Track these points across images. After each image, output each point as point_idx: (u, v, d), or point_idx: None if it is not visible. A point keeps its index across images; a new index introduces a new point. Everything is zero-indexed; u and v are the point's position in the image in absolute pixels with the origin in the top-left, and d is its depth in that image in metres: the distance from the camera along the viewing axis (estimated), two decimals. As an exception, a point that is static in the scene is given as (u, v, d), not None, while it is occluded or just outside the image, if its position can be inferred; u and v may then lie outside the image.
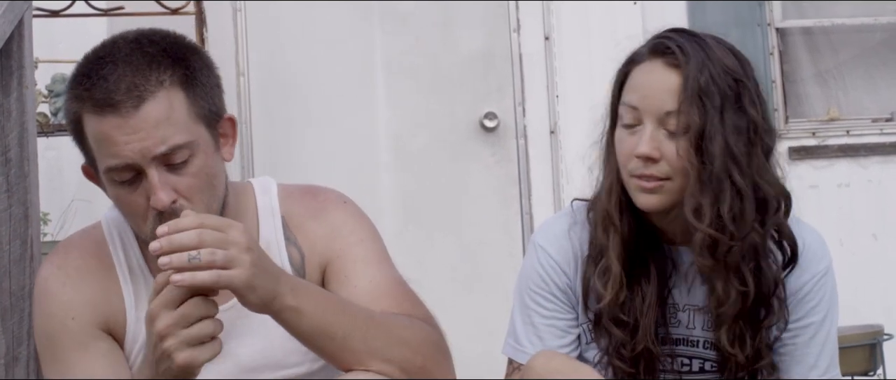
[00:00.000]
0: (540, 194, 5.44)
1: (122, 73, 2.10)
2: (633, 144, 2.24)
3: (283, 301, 2.03)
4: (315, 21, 5.46)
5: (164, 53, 2.15)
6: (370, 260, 2.27)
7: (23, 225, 2.45)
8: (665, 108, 2.22)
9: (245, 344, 2.25)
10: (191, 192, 2.12)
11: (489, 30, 5.51)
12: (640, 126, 2.24)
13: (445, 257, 5.40)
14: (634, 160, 2.23)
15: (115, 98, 2.09)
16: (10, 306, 2.40)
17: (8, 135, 2.45)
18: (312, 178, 2.63)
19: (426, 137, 5.47)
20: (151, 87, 2.10)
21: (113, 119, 2.09)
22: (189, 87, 2.15)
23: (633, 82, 2.28)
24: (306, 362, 2.26)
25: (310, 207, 2.32)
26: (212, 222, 1.99)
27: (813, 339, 2.31)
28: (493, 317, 5.27)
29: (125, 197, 2.13)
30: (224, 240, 1.97)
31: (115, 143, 2.09)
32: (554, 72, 5.46)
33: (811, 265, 2.31)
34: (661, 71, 2.24)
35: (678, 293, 2.31)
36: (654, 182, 2.22)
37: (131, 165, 2.10)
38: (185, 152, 2.12)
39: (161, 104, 2.10)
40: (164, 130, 2.10)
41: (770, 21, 5.63)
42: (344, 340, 2.09)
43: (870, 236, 5.52)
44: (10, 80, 2.47)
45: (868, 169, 5.60)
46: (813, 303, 2.31)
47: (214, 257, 1.95)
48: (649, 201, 2.24)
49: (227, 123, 2.23)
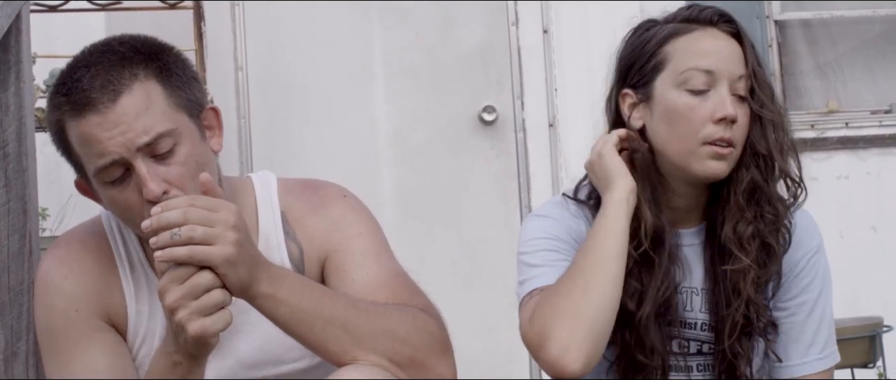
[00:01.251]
0: (539, 188, 5.43)
1: (94, 73, 2.13)
2: (710, 109, 2.25)
3: (259, 287, 2.04)
4: (313, 17, 5.45)
5: (135, 51, 2.17)
6: (368, 253, 2.27)
7: (21, 220, 2.45)
8: (738, 71, 2.27)
9: (245, 340, 2.25)
10: (181, 180, 2.12)
11: (488, 24, 5.51)
12: (711, 91, 2.26)
13: (445, 252, 5.40)
14: (710, 126, 2.25)
15: (91, 96, 2.11)
16: (8, 301, 2.40)
17: (6, 130, 2.45)
18: (312, 173, 2.63)
19: (425, 131, 5.47)
20: (126, 80, 2.12)
21: (93, 117, 2.11)
22: (164, 79, 2.16)
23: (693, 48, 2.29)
24: (306, 358, 2.26)
25: (309, 202, 2.32)
26: (202, 202, 2.01)
27: (809, 316, 2.34)
28: (493, 312, 5.27)
29: (118, 197, 2.14)
30: (209, 218, 1.99)
31: (98, 141, 2.11)
32: (552, 65, 5.46)
33: (803, 243, 2.35)
34: (724, 37, 2.31)
35: (679, 275, 2.32)
36: (728, 148, 2.25)
37: (118, 162, 2.11)
38: (170, 141, 2.13)
39: (137, 96, 2.12)
40: (144, 121, 2.11)
41: (769, 13, 5.63)
42: (324, 328, 2.08)
43: (869, 228, 5.52)
44: (8, 74, 2.46)
45: (867, 161, 5.59)
46: (807, 280, 2.34)
47: (194, 233, 1.97)
48: (720, 167, 2.26)
49: (211, 113, 2.24)
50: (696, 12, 2.32)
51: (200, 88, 2.24)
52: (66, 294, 2.24)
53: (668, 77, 2.29)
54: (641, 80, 2.32)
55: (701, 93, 2.26)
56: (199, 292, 1.98)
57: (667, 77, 2.29)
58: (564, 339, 2.15)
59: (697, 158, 2.25)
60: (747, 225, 2.28)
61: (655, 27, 2.34)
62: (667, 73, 2.29)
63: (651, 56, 2.31)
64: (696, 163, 2.25)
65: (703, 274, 2.33)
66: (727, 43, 2.30)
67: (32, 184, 2.49)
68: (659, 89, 2.30)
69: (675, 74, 2.28)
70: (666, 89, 2.29)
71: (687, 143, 2.26)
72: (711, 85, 2.26)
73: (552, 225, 2.33)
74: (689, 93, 2.26)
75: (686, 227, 2.34)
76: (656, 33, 2.33)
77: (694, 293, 2.34)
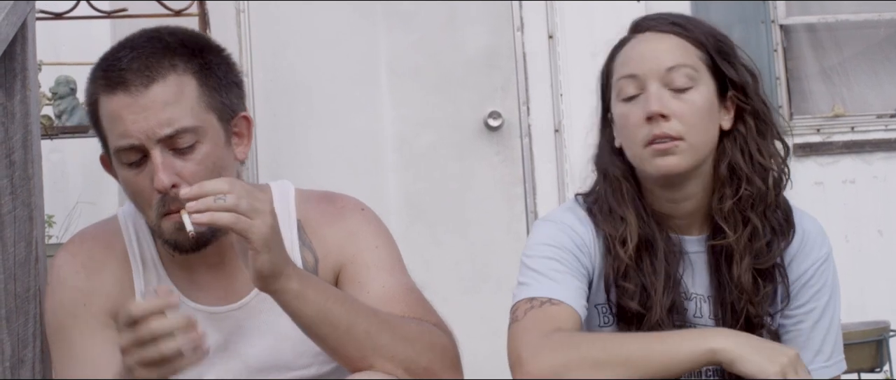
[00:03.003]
0: (545, 193, 5.43)
1: (136, 55, 2.17)
2: (640, 112, 2.25)
3: (289, 283, 2.05)
4: (318, 21, 5.45)
5: (181, 43, 2.20)
6: (383, 266, 2.28)
7: (27, 227, 2.45)
8: (666, 64, 2.26)
9: (253, 344, 2.26)
10: (194, 178, 2.13)
11: (493, 29, 5.51)
12: (642, 94, 2.26)
13: (451, 257, 5.40)
14: (644, 127, 2.25)
15: (126, 76, 2.14)
16: (15, 309, 2.40)
17: (12, 137, 2.45)
18: (317, 177, 2.64)
19: (430, 136, 5.47)
20: (163, 69, 2.15)
21: (123, 97, 2.14)
22: (202, 77, 2.18)
23: (623, 58, 2.31)
24: (315, 365, 2.27)
25: (326, 213, 2.33)
26: (241, 185, 2.03)
27: (817, 324, 2.34)
28: (498, 316, 5.25)
29: (132, 179, 2.17)
30: (253, 194, 2.02)
31: (123, 121, 2.14)
32: (558, 70, 5.46)
33: (812, 252, 2.35)
34: (653, 38, 2.31)
35: (686, 281, 2.33)
36: (669, 142, 2.24)
37: (138, 147, 2.14)
38: (191, 137, 2.15)
39: (170, 87, 2.15)
40: (170, 112, 2.14)
41: (774, 18, 5.62)
42: (347, 331, 2.10)
43: (875, 232, 5.51)
44: (14, 82, 2.46)
45: (873, 165, 5.59)
46: (816, 288, 2.34)
47: (240, 202, 1.99)
48: (669, 163, 2.25)
49: (243, 120, 2.26)
50: (640, 21, 2.35)
51: (239, 95, 2.26)
52: (76, 289, 2.26)
53: (613, 94, 2.32)
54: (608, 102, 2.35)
55: (632, 98, 2.27)
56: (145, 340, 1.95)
57: (613, 95, 2.32)
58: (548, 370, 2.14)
59: (646, 161, 2.26)
60: (726, 200, 2.28)
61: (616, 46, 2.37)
62: (613, 90, 2.32)
63: (607, 77, 2.35)
64: (647, 166, 2.27)
65: (709, 281, 2.34)
66: (661, 41, 2.30)
67: (38, 191, 2.49)
68: (612, 108, 2.33)
69: (615, 89, 2.31)
70: (613, 105, 2.32)
71: (634, 149, 2.28)
72: (641, 88, 2.27)
73: (559, 232, 2.33)
74: (624, 102, 2.28)
75: (690, 234, 2.34)
76: (612, 53, 2.36)
77: (703, 300, 2.34)
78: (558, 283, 2.26)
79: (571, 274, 2.28)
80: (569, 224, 2.34)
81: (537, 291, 2.25)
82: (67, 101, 4.50)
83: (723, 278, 2.31)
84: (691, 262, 2.33)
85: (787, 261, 2.33)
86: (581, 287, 2.28)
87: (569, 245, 2.31)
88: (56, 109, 4.51)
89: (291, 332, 2.19)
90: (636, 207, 2.30)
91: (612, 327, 2.33)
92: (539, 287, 2.26)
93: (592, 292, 2.32)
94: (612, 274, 2.30)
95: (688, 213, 2.32)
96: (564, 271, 2.27)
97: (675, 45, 2.29)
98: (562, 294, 2.24)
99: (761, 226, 2.29)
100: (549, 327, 2.18)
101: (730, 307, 2.30)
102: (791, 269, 2.33)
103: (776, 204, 2.32)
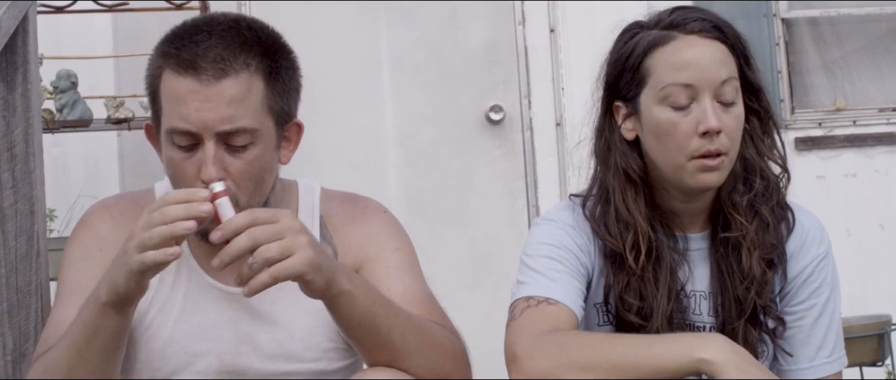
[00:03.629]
0: (546, 187, 5.43)
1: (213, 43, 2.15)
2: (691, 124, 2.22)
3: (341, 284, 2.05)
4: (319, 18, 5.45)
5: (258, 41, 2.20)
6: (404, 268, 2.30)
7: (28, 221, 2.45)
8: (720, 77, 2.23)
9: (265, 331, 2.27)
10: (241, 177, 2.14)
11: (494, 23, 5.50)
12: (693, 104, 2.23)
13: (452, 251, 5.40)
14: (694, 140, 2.22)
15: (200, 63, 2.13)
16: (16, 302, 2.40)
17: (13, 131, 2.45)
18: (318, 173, 2.64)
19: (432, 131, 5.47)
20: (237, 65, 2.15)
21: (192, 83, 2.13)
22: (271, 80, 2.19)
23: (673, 61, 2.25)
24: (324, 360, 2.29)
25: (349, 212, 2.36)
26: (262, 216, 2.01)
27: (818, 320, 2.34)
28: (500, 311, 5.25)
29: (178, 161, 2.17)
30: (277, 230, 1.99)
31: (186, 105, 2.13)
32: (559, 64, 5.46)
33: (812, 248, 2.35)
34: (705, 43, 2.25)
35: (686, 279, 2.33)
36: (718, 158, 2.23)
37: (193, 134, 2.13)
38: (247, 138, 2.15)
39: (241, 84, 2.14)
40: (235, 110, 2.13)
41: (776, 11, 5.62)
42: (388, 335, 2.12)
43: (877, 226, 5.51)
44: (15, 76, 2.46)
45: (875, 159, 5.59)
46: (816, 284, 2.34)
47: (269, 254, 1.96)
48: (713, 179, 2.24)
49: (295, 127, 2.28)
50: (678, 17, 2.28)
51: (297, 100, 2.28)
52: (98, 235, 2.28)
53: (650, 93, 2.26)
54: (628, 93, 2.30)
55: (683, 108, 2.23)
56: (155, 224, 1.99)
57: (649, 93, 2.26)
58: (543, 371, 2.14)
59: (688, 173, 2.24)
60: (740, 195, 2.28)
61: (639, 34, 2.30)
62: (649, 89, 2.26)
63: (634, 70, 2.28)
64: (687, 177, 2.25)
65: (710, 278, 2.33)
66: (708, 48, 2.25)
67: (40, 185, 2.49)
68: (644, 104, 2.27)
69: (656, 90, 2.25)
70: (650, 105, 2.26)
71: (676, 158, 2.24)
72: (693, 98, 2.23)
73: (559, 231, 2.33)
74: (672, 109, 2.24)
75: (693, 231, 2.34)
76: (639, 43, 2.29)
77: (702, 297, 2.34)
78: (556, 282, 2.25)
79: (570, 274, 2.28)
80: (568, 223, 2.34)
81: (535, 290, 2.25)
82: (69, 94, 4.50)
83: (728, 272, 2.31)
84: (691, 259, 2.33)
85: (787, 256, 2.33)
86: (579, 287, 2.28)
87: (568, 244, 2.30)
88: (57, 103, 4.51)
89: (301, 324, 2.22)
90: (645, 210, 2.29)
91: (610, 326, 2.32)
92: (537, 286, 2.26)
93: (591, 292, 2.32)
94: (615, 287, 2.29)
95: (697, 210, 2.32)
96: (563, 271, 2.27)
97: (725, 56, 2.26)
98: (559, 294, 2.24)
99: (770, 219, 2.29)
100: (545, 326, 2.18)
101: (735, 300, 2.30)
102: (791, 265, 2.33)
103: (783, 197, 2.33)
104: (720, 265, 2.32)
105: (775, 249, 2.30)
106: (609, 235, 2.29)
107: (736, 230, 2.28)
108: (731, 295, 2.30)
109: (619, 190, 2.30)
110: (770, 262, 2.31)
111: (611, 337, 2.24)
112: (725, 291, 2.31)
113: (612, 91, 2.33)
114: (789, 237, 2.33)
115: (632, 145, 2.31)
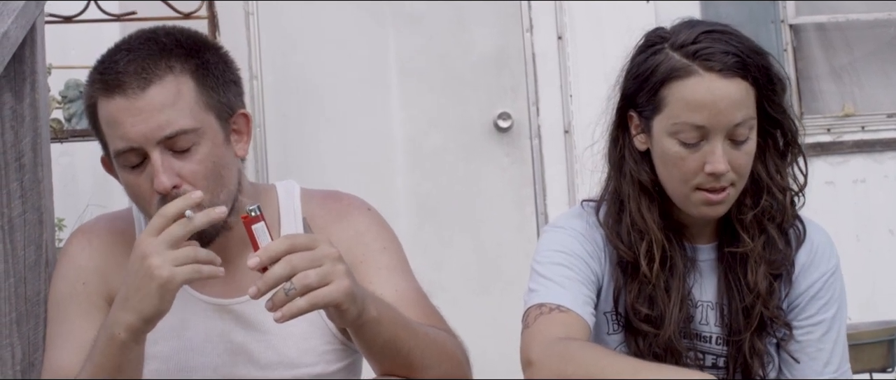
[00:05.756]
0: (555, 194, 5.43)
1: (132, 58, 2.16)
2: (698, 161, 2.20)
3: (370, 313, 2.05)
4: (327, 23, 5.46)
5: (178, 44, 2.20)
6: (394, 268, 2.29)
7: (37, 230, 2.45)
8: (734, 120, 2.20)
9: (259, 340, 2.26)
10: (195, 178, 2.14)
11: (502, 30, 5.51)
12: (703, 142, 2.21)
13: (461, 258, 5.40)
14: (699, 175, 2.21)
15: (123, 79, 2.14)
16: (25, 312, 2.40)
17: (21, 140, 2.45)
18: (327, 179, 2.64)
19: (440, 137, 5.47)
20: (160, 71, 2.15)
21: (121, 101, 2.14)
22: (200, 77, 2.18)
23: (689, 98, 2.20)
24: (321, 363, 2.28)
25: (332, 211, 2.34)
26: (301, 242, 1.99)
27: (826, 335, 2.34)
28: (508, 318, 5.25)
29: (133, 181, 2.17)
30: (315, 257, 1.97)
31: (121, 125, 2.14)
32: (567, 71, 5.46)
33: (821, 264, 2.34)
34: (722, 83, 2.19)
35: (695, 289, 2.33)
36: (723, 193, 2.22)
37: (137, 149, 2.14)
38: (190, 138, 2.15)
39: (168, 88, 2.15)
40: (168, 114, 2.13)
41: (784, 18, 5.62)
42: (408, 354, 2.13)
43: (886, 232, 5.50)
44: (23, 85, 2.46)
45: (884, 164, 5.58)
46: (824, 300, 2.33)
47: (308, 280, 1.95)
48: (716, 212, 2.24)
49: (242, 118, 2.26)
50: (703, 49, 2.21)
51: (237, 92, 2.26)
52: (79, 267, 2.29)
53: (663, 121, 2.23)
54: (643, 112, 2.28)
55: (693, 145, 2.21)
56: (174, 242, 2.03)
57: (662, 121, 2.23)
58: None
59: (692, 203, 2.24)
60: (747, 210, 2.28)
61: (662, 52, 2.24)
62: (663, 117, 2.23)
63: (651, 94, 2.24)
64: (691, 207, 2.25)
65: (717, 288, 2.33)
66: (726, 90, 2.19)
67: (48, 195, 2.49)
68: (656, 130, 2.25)
69: (668, 122, 2.22)
70: (661, 133, 2.24)
71: (680, 188, 2.24)
72: (704, 137, 2.20)
73: (570, 238, 2.32)
74: (681, 144, 2.22)
75: (701, 242, 2.34)
76: (659, 66, 2.23)
77: (710, 307, 2.34)
78: (568, 290, 2.25)
79: (581, 281, 2.27)
80: (579, 230, 2.33)
81: (547, 297, 2.25)
82: (77, 104, 4.50)
83: (735, 284, 2.31)
84: (700, 270, 2.33)
85: (795, 272, 2.33)
86: (589, 294, 2.27)
87: (579, 251, 2.30)
88: (66, 113, 4.51)
89: (295, 329, 2.21)
90: (659, 219, 2.29)
91: (620, 334, 2.32)
92: (549, 293, 2.25)
93: (601, 300, 2.32)
94: (627, 295, 2.29)
95: (705, 222, 2.32)
96: (574, 278, 2.27)
97: (743, 96, 2.20)
98: (571, 301, 2.23)
99: (777, 237, 2.29)
100: (557, 334, 2.18)
101: (742, 312, 2.30)
102: (800, 281, 2.32)
103: (792, 217, 2.32)
104: (727, 277, 2.31)
105: (783, 264, 2.30)
106: (622, 244, 2.29)
107: (742, 245, 2.28)
108: (738, 306, 2.30)
109: (634, 198, 2.30)
110: (777, 275, 2.30)
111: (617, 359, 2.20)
112: (732, 302, 2.31)
113: (629, 101, 2.31)
114: (798, 251, 2.33)
115: (644, 156, 2.31)
